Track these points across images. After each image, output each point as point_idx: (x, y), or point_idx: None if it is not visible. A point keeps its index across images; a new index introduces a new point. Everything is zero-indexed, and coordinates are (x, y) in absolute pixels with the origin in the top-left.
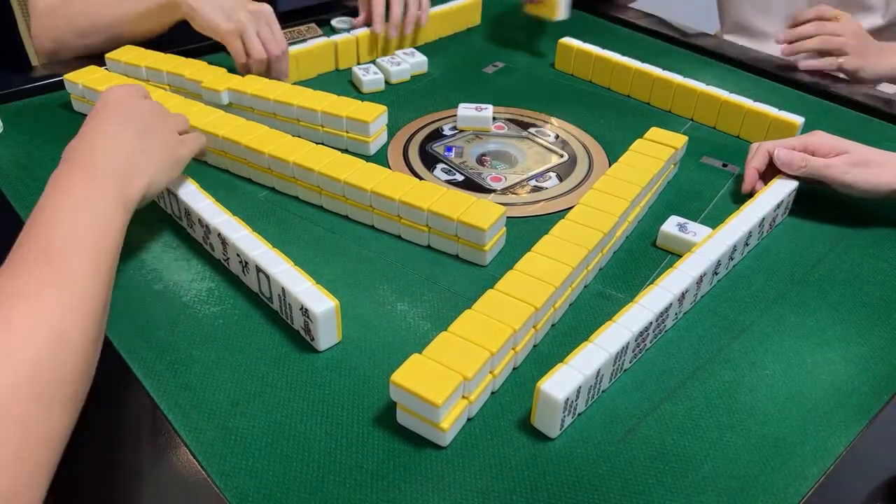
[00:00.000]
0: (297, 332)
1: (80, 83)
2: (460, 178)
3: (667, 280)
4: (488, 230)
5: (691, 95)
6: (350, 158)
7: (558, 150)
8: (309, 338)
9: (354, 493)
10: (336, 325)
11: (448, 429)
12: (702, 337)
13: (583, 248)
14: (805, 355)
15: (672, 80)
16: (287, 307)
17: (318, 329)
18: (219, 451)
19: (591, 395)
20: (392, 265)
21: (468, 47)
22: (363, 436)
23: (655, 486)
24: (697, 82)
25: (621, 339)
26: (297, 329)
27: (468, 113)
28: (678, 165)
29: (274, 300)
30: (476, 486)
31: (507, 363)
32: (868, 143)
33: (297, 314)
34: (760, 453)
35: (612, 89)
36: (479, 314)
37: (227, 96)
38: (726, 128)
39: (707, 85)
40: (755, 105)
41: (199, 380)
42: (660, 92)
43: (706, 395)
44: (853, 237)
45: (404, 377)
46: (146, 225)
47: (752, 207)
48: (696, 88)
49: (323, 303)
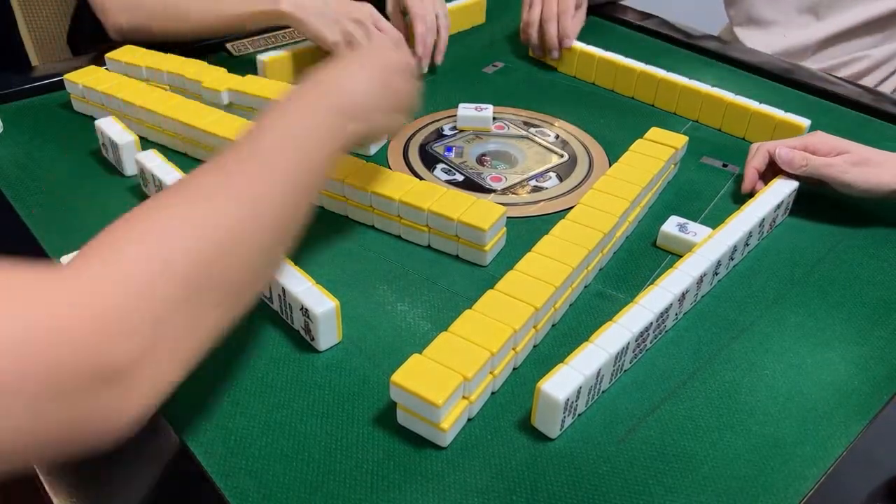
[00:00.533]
0: (298, 332)
1: (81, 83)
2: (460, 178)
3: (667, 280)
4: (488, 230)
5: (696, 97)
6: (350, 158)
7: (558, 151)
8: (309, 338)
9: (354, 492)
10: (336, 326)
11: (448, 429)
12: (702, 337)
13: (583, 248)
14: (805, 355)
15: (676, 81)
16: (287, 307)
17: (318, 329)
18: (219, 451)
19: (591, 396)
20: (392, 265)
21: (468, 47)
22: (363, 436)
23: (655, 487)
24: (702, 84)
25: (621, 339)
26: (297, 329)
27: (468, 113)
28: (678, 165)
29: (274, 300)
30: (476, 486)
31: (507, 363)
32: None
33: (298, 314)
34: (760, 453)
35: (615, 91)
36: (479, 314)
37: (227, 96)
38: (731, 129)
39: (712, 87)
40: (761, 107)
41: (199, 380)
42: (664, 93)
43: (706, 396)
44: (853, 237)
45: (404, 377)
46: None
47: (752, 208)
48: (700, 90)
49: (323, 303)
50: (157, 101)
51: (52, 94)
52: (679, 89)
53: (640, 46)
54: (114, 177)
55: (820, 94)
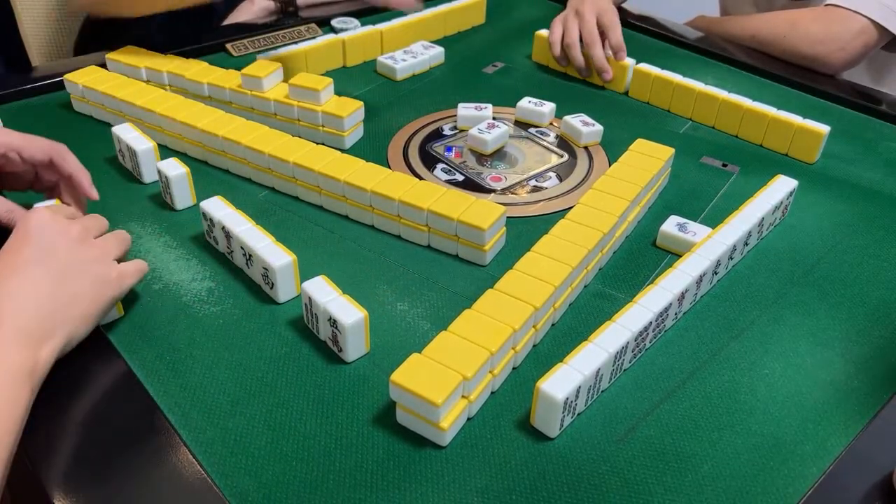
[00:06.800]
0: (297, 332)
1: (80, 83)
2: (460, 178)
3: (666, 280)
4: (488, 230)
5: (693, 97)
6: (350, 158)
7: (558, 150)
8: (336, 349)
9: (354, 492)
10: (365, 336)
11: (448, 428)
12: (701, 337)
13: (583, 247)
14: (805, 355)
15: (677, 81)
16: (313, 317)
17: (346, 340)
18: (219, 451)
19: (590, 395)
20: (392, 265)
21: (468, 47)
22: (363, 435)
23: (655, 486)
24: (700, 83)
25: (621, 338)
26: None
27: (468, 113)
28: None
29: None
30: (476, 485)
31: (506, 363)
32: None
33: (325, 324)
34: (760, 453)
35: (613, 90)
36: (478, 314)
37: (228, 96)
38: (747, 135)
39: (707, 85)
40: (779, 113)
41: (199, 380)
42: (664, 93)
43: (706, 395)
44: (853, 237)
45: (404, 377)
46: (146, 224)
47: (751, 207)
48: (718, 96)
49: (352, 314)
50: (157, 101)
51: (52, 94)
52: (696, 94)
53: (638, 46)
54: (114, 177)
55: (819, 94)
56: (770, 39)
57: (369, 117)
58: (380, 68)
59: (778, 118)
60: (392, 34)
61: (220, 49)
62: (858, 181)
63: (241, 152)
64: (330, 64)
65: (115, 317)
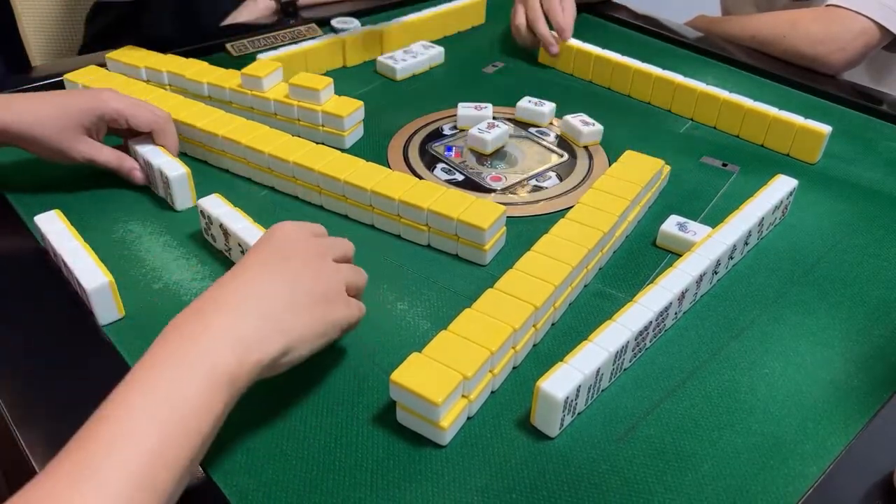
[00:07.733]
0: None
1: (80, 83)
2: (460, 178)
3: (666, 279)
4: (488, 229)
5: (694, 96)
6: (350, 158)
7: (558, 150)
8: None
9: (354, 491)
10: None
11: (448, 428)
12: (701, 336)
13: (583, 247)
14: (805, 354)
15: (676, 80)
16: None
17: None
18: (218, 450)
19: (590, 395)
20: (392, 265)
21: (468, 47)
22: (363, 434)
23: (655, 485)
24: (700, 82)
25: (621, 338)
26: None
27: (468, 112)
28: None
29: None
30: (476, 484)
31: (506, 362)
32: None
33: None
34: (760, 452)
35: (612, 89)
36: (478, 313)
37: (228, 96)
38: (749, 136)
39: (708, 85)
40: (780, 114)
41: None
42: (665, 92)
43: (706, 394)
44: (853, 237)
45: (404, 376)
46: (146, 224)
47: (751, 207)
48: (719, 96)
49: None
50: (157, 101)
51: None
52: (680, 89)
53: (639, 46)
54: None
55: (819, 94)
56: (770, 39)
57: (369, 117)
58: (380, 68)
59: (779, 118)
60: (392, 34)
61: (220, 49)
62: (858, 181)
63: (241, 152)
64: (330, 64)
65: (115, 317)
